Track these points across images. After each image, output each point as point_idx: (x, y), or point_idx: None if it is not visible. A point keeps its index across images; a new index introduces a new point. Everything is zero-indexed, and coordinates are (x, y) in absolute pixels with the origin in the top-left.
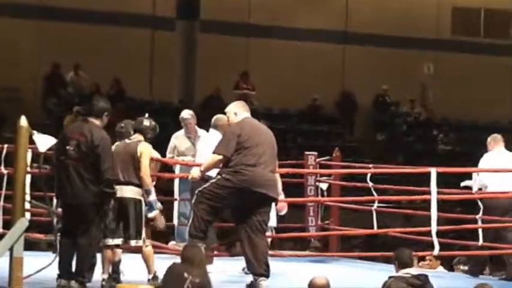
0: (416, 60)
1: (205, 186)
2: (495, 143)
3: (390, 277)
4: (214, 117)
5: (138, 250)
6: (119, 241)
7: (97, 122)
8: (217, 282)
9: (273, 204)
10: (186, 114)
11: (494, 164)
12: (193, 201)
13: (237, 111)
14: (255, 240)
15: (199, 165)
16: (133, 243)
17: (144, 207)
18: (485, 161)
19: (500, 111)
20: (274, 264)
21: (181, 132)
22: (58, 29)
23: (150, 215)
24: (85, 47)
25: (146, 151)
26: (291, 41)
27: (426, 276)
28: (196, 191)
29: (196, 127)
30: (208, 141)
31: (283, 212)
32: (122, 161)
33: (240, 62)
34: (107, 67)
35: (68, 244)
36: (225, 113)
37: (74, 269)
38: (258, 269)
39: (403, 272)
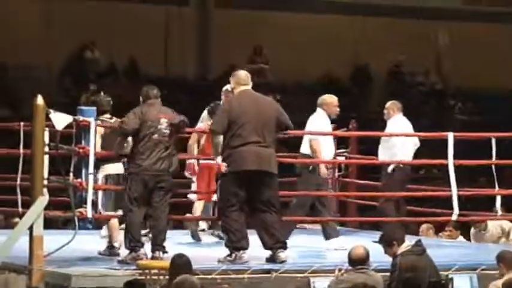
0: (431, 29)
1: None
2: (398, 110)
3: (395, 256)
4: (320, 97)
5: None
6: None
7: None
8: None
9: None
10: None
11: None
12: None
13: (230, 87)
14: (262, 217)
15: None
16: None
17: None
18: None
19: None
20: (293, 237)
21: None
22: (71, 5)
23: None
24: (98, 25)
25: None
26: (304, 14)
27: (419, 240)
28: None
29: None
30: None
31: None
32: None
33: (254, 36)
34: (121, 45)
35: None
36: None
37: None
38: (272, 243)
39: (404, 246)
